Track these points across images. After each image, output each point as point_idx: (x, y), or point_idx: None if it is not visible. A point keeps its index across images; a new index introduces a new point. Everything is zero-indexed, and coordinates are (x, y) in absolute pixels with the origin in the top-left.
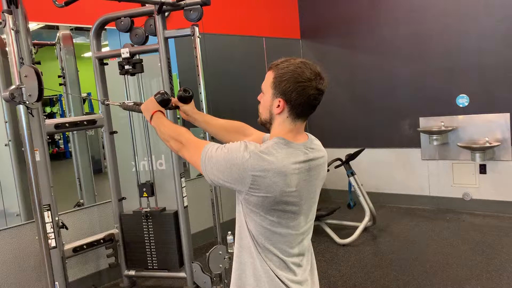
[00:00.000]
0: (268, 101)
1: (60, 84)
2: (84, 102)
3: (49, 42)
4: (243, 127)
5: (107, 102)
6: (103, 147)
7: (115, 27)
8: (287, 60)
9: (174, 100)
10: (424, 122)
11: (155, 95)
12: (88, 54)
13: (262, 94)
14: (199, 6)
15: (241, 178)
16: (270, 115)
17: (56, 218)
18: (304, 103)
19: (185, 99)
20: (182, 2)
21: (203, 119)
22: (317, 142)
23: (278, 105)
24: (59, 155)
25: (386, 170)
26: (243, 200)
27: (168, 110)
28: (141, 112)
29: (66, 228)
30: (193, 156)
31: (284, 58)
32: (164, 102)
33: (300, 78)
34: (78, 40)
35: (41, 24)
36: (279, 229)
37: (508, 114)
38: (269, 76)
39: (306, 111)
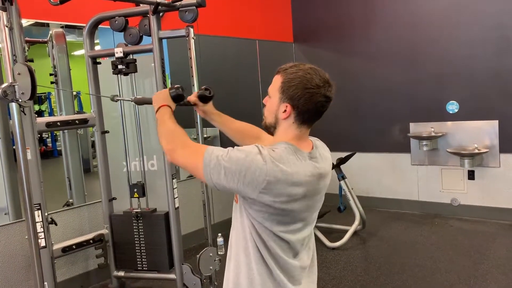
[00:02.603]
0: (275, 105)
1: (52, 82)
2: (74, 99)
3: (41, 39)
4: (259, 133)
5: (117, 98)
6: (92, 146)
7: (107, 26)
8: (296, 65)
9: (194, 98)
10: (414, 128)
11: (170, 89)
12: (78, 52)
13: (268, 98)
14: (194, 7)
15: (253, 181)
16: (275, 119)
17: (46, 214)
18: (311, 109)
19: (205, 99)
20: (177, 3)
21: (221, 120)
22: (322, 151)
23: (285, 110)
24: (46, 153)
25: (376, 174)
26: (247, 203)
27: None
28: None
29: (55, 224)
30: (191, 159)
31: (293, 63)
32: (178, 97)
33: (309, 84)
34: (69, 38)
35: (31, 21)
36: (280, 234)
37: (496, 121)
38: (277, 80)
39: (312, 117)
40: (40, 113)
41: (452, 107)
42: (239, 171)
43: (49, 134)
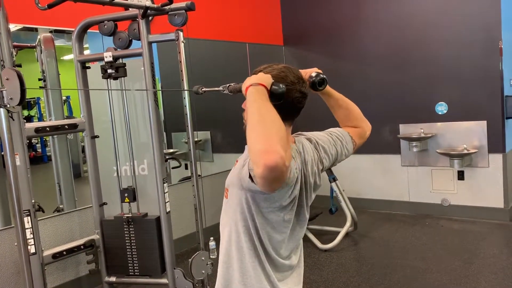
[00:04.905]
0: None
1: (41, 87)
2: (64, 104)
3: (29, 44)
4: (360, 123)
5: (204, 89)
6: (82, 151)
7: (96, 30)
8: (270, 65)
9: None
10: (404, 129)
11: (274, 84)
12: (67, 57)
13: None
14: (183, 11)
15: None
16: None
17: (33, 201)
18: (289, 106)
19: (316, 88)
20: (166, 7)
21: (329, 104)
22: (306, 145)
23: None
24: (36, 159)
25: (367, 176)
26: (252, 195)
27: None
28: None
29: (43, 211)
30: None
31: (266, 64)
32: (278, 96)
33: (284, 82)
34: (58, 42)
35: (19, 26)
36: (275, 227)
37: (485, 122)
38: None
39: (291, 114)
40: (29, 119)
41: (441, 108)
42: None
43: (39, 140)
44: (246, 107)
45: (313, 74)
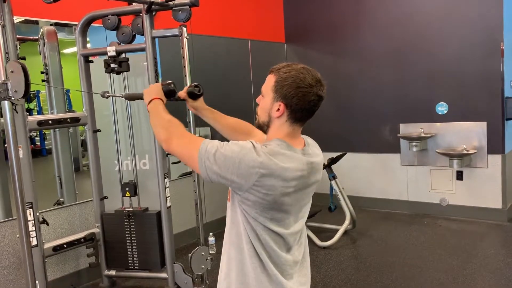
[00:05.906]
0: (268, 104)
1: (43, 81)
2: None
3: (32, 37)
4: (251, 129)
5: (108, 95)
6: (82, 145)
7: (98, 25)
8: (289, 65)
9: (183, 94)
10: (404, 129)
11: (162, 84)
12: (68, 50)
13: (262, 97)
14: (187, 7)
15: (248, 174)
16: (268, 118)
17: (37, 214)
18: (304, 108)
19: (194, 96)
20: (171, 2)
21: (213, 116)
22: (313, 148)
23: (278, 109)
24: (35, 152)
25: (366, 174)
26: (240, 197)
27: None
28: (143, 98)
29: (47, 224)
30: (187, 148)
31: (285, 63)
32: (169, 93)
33: (301, 83)
34: (58, 36)
35: (20, 19)
36: (273, 228)
37: (485, 123)
38: (270, 80)
39: (305, 116)
40: (29, 111)
41: (442, 108)
42: (233, 162)
43: (38, 133)
44: (259, 100)
45: (193, 85)
